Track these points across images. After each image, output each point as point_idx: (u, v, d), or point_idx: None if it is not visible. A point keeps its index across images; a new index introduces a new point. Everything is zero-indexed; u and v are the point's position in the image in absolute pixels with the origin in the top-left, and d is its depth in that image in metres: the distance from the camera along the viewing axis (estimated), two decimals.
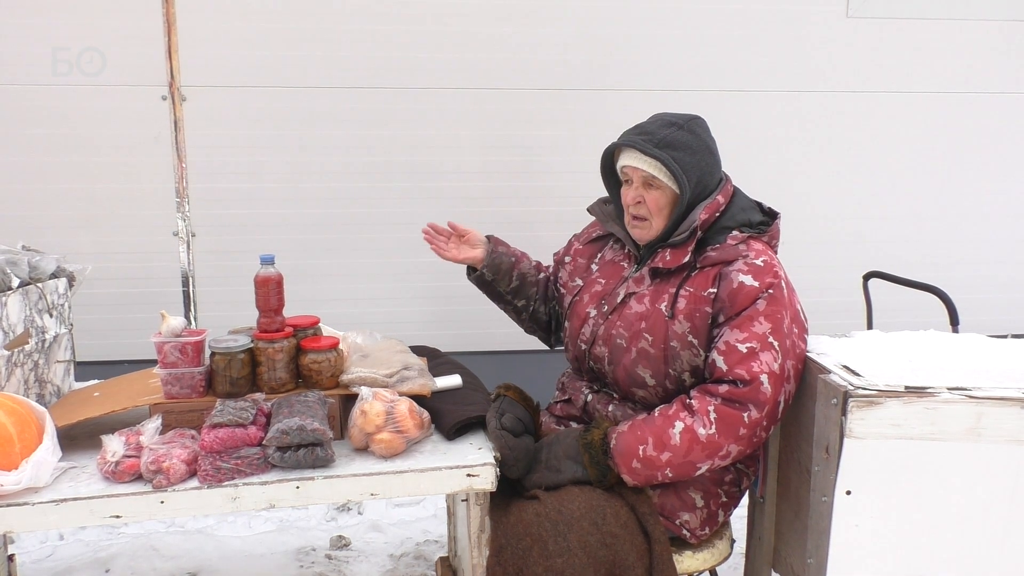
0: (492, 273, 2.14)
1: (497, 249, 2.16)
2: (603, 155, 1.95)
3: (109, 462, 1.60)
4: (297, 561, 2.74)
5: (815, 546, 1.69)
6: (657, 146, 1.80)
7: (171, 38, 3.00)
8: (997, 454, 1.57)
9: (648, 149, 1.80)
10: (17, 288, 1.91)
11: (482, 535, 1.72)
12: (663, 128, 1.83)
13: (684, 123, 1.85)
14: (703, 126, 1.88)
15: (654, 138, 1.82)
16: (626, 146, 1.86)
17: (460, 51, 3.53)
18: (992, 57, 3.81)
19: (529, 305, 2.20)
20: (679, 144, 1.81)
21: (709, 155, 1.86)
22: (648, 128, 1.85)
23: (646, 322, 1.83)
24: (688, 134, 1.83)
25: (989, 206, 3.96)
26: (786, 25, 3.67)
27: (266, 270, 1.84)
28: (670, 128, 1.83)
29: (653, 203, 1.85)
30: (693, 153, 1.82)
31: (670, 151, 1.80)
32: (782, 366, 1.72)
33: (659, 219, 1.86)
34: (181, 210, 3.11)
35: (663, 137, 1.81)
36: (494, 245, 2.17)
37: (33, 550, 2.77)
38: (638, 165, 1.83)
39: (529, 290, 2.19)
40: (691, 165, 1.82)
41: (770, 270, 1.77)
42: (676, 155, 1.80)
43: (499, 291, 2.18)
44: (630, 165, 1.85)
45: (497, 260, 2.14)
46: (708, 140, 1.88)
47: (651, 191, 1.84)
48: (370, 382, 1.83)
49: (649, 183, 1.84)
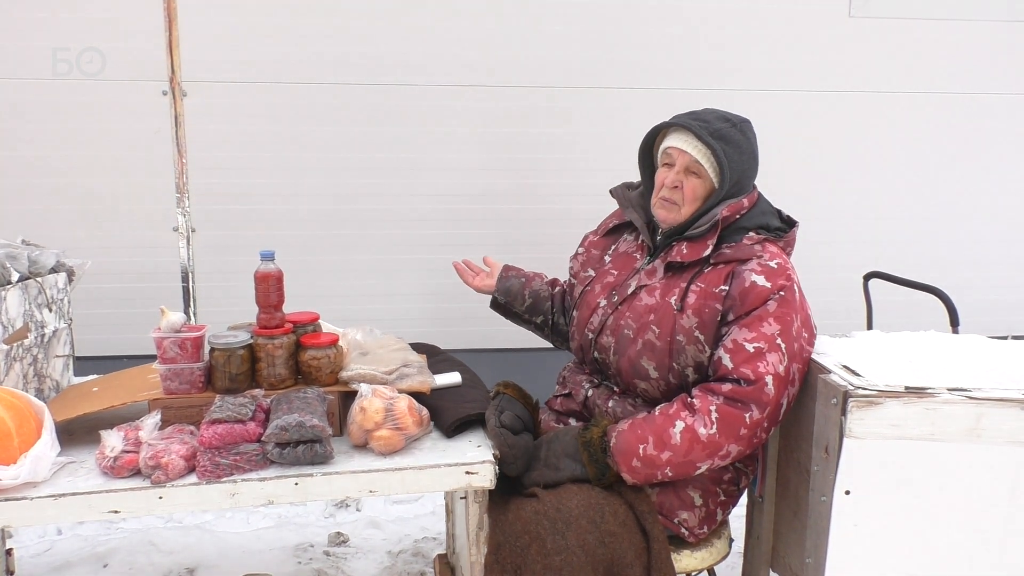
0: (504, 296, 2.26)
1: (507, 274, 2.29)
2: (648, 133, 1.96)
3: (108, 457, 1.60)
4: (295, 557, 2.74)
5: (814, 546, 1.69)
6: (711, 135, 1.82)
7: (172, 33, 2.99)
8: (996, 455, 1.57)
9: (703, 135, 1.82)
10: (17, 282, 1.91)
11: (480, 533, 1.72)
12: (718, 121, 1.86)
13: (738, 122, 1.88)
14: (752, 131, 1.91)
15: (710, 127, 1.84)
16: (679, 127, 1.87)
17: (461, 48, 3.52)
18: (994, 57, 3.81)
19: (548, 320, 2.26)
20: (731, 140, 1.84)
21: (753, 160, 1.89)
22: (704, 116, 1.88)
23: (655, 314, 1.84)
24: (740, 133, 1.86)
25: (990, 206, 3.96)
26: (788, 25, 3.67)
27: (266, 266, 1.84)
28: (725, 123, 1.86)
29: (690, 191, 1.86)
30: (741, 153, 1.85)
31: (722, 143, 1.83)
32: (787, 368, 1.72)
33: (689, 207, 1.88)
34: (181, 205, 3.10)
35: (718, 129, 1.84)
36: (504, 271, 2.30)
37: (31, 544, 2.77)
38: (687, 149, 1.85)
39: (543, 305, 2.25)
40: (737, 164, 1.84)
41: (783, 273, 1.77)
42: (726, 149, 1.83)
43: (516, 312, 2.27)
44: (678, 147, 1.86)
45: (507, 284, 2.26)
46: (755, 145, 1.90)
47: (691, 178, 1.86)
48: (369, 379, 1.82)
49: (692, 170, 1.86)
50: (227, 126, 3.45)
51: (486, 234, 3.64)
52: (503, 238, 3.65)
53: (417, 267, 3.64)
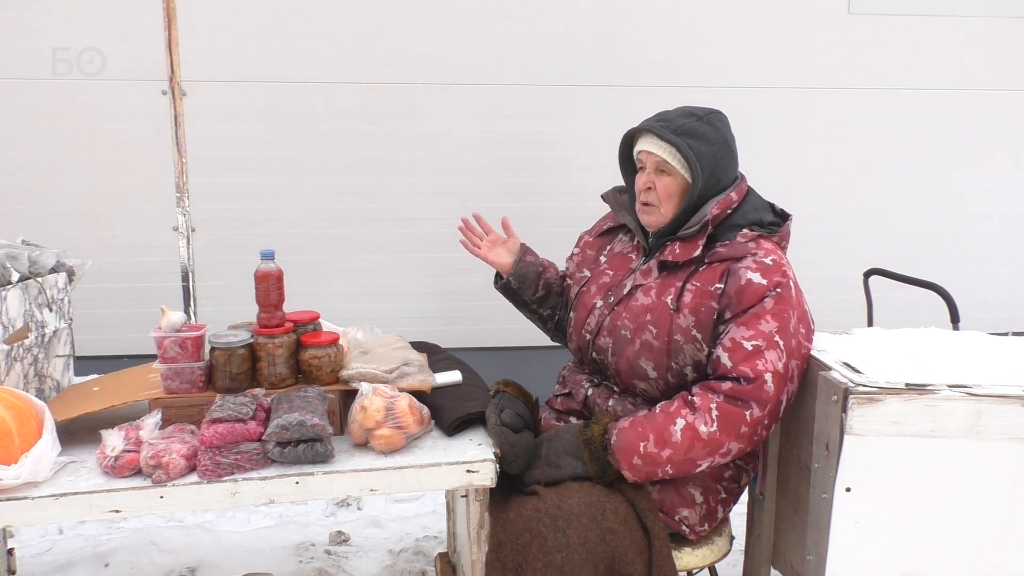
0: (518, 282, 2.16)
1: (525, 258, 2.16)
2: (621, 141, 1.97)
3: (108, 457, 1.60)
4: (296, 556, 2.74)
5: (814, 543, 1.69)
6: (674, 132, 1.83)
7: (171, 33, 3.00)
8: (997, 452, 1.57)
9: (664, 134, 1.82)
10: (17, 282, 1.91)
11: (481, 531, 1.72)
12: (682, 117, 1.86)
13: (704, 115, 1.87)
14: (723, 120, 1.90)
15: (672, 125, 1.84)
16: (644, 131, 1.89)
17: (462, 46, 3.52)
18: (994, 54, 3.81)
19: (555, 315, 2.22)
20: (696, 133, 1.84)
21: (726, 149, 1.88)
22: (667, 116, 1.88)
23: (651, 314, 1.83)
24: (706, 125, 1.86)
25: (990, 203, 3.96)
26: (787, 22, 3.66)
27: (266, 265, 1.84)
28: (689, 118, 1.86)
29: (663, 190, 1.86)
30: (709, 144, 1.84)
31: (686, 139, 1.82)
32: (786, 365, 1.72)
33: (668, 206, 1.88)
34: (181, 205, 3.11)
35: (681, 125, 1.84)
36: (523, 254, 2.17)
37: (33, 544, 2.77)
38: (652, 150, 1.85)
39: (554, 299, 2.20)
40: (706, 155, 1.83)
41: (779, 269, 1.77)
42: (691, 143, 1.82)
43: (524, 299, 2.19)
44: (645, 150, 1.88)
45: (524, 269, 2.15)
46: (727, 134, 1.89)
47: (662, 177, 1.86)
48: (370, 378, 1.82)
49: (662, 169, 1.86)
50: (226, 125, 3.45)
51: None
52: None
53: (417, 266, 3.64)
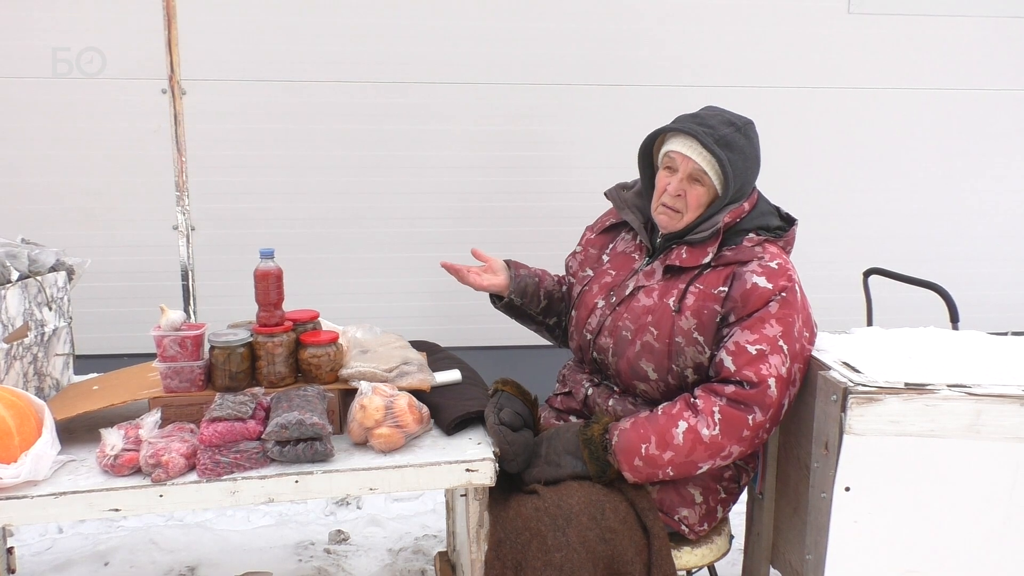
0: (520, 297, 2.08)
1: (519, 272, 2.09)
2: (648, 135, 1.90)
3: (108, 455, 1.60)
4: (296, 555, 2.74)
5: (814, 542, 1.69)
6: (717, 143, 1.77)
7: (171, 31, 2.99)
8: (996, 451, 1.57)
9: (708, 143, 1.76)
10: (16, 281, 1.91)
11: (481, 530, 1.72)
12: (723, 126, 1.80)
13: (742, 126, 1.82)
14: (756, 132, 1.86)
15: (715, 133, 1.78)
16: (682, 133, 1.81)
17: (462, 45, 3.52)
18: (993, 53, 3.81)
19: (561, 321, 2.16)
20: (735, 146, 1.79)
21: (756, 164, 1.85)
22: (708, 121, 1.81)
23: (653, 316, 1.82)
24: (744, 138, 1.81)
25: (990, 203, 3.96)
26: (787, 21, 3.66)
27: (266, 264, 1.84)
28: (729, 128, 1.80)
29: (694, 199, 1.82)
30: (745, 159, 1.81)
31: (727, 151, 1.78)
32: (789, 370, 1.72)
33: (692, 215, 1.84)
34: (181, 204, 3.10)
35: (723, 135, 1.79)
36: (515, 269, 2.09)
37: (32, 543, 2.77)
38: (692, 156, 1.79)
39: (558, 306, 2.15)
40: (740, 170, 1.80)
41: (784, 273, 1.76)
42: (731, 157, 1.78)
43: (530, 314, 2.12)
44: (682, 153, 1.81)
45: (522, 284, 2.07)
46: (758, 148, 1.86)
47: (695, 187, 1.82)
48: (369, 377, 1.82)
49: (696, 178, 1.81)
50: (226, 124, 3.44)
51: (485, 231, 3.64)
52: (502, 235, 3.65)
53: (417, 265, 3.64)
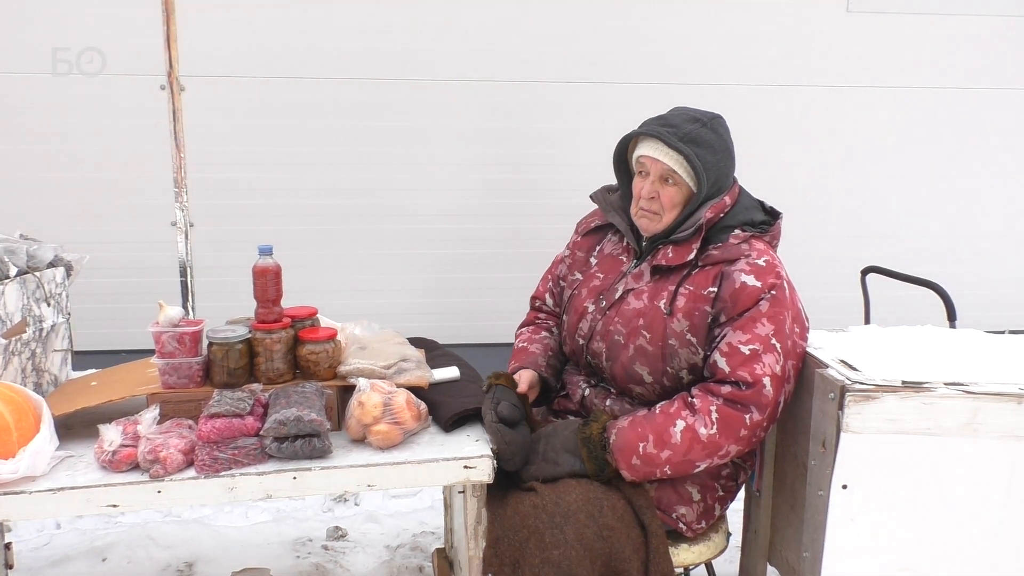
0: (557, 380, 2.06)
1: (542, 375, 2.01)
2: (619, 143, 1.90)
3: (106, 451, 1.60)
4: (294, 551, 2.74)
5: (811, 540, 1.70)
6: (681, 140, 1.77)
7: (170, 27, 2.98)
8: (993, 449, 1.58)
9: (672, 142, 1.76)
10: (15, 277, 1.91)
11: (479, 527, 1.72)
12: (687, 123, 1.80)
13: (708, 120, 1.82)
14: (725, 126, 1.86)
15: (679, 132, 1.78)
16: (648, 136, 1.82)
17: (459, 43, 3.52)
18: (992, 52, 3.81)
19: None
20: (702, 141, 1.79)
21: (728, 157, 1.84)
22: (672, 121, 1.81)
23: (644, 319, 1.82)
24: (711, 132, 1.80)
25: (988, 202, 3.97)
26: (786, 20, 3.67)
27: (264, 260, 1.84)
28: (694, 124, 1.80)
29: (668, 199, 1.82)
30: (715, 152, 1.80)
31: (693, 147, 1.77)
32: (783, 367, 1.72)
33: (670, 215, 1.84)
34: (179, 200, 3.10)
35: (687, 132, 1.78)
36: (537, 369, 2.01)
37: (30, 538, 2.77)
38: (659, 157, 1.79)
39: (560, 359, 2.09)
40: (711, 164, 1.79)
41: (772, 270, 1.76)
42: (699, 152, 1.77)
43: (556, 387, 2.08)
44: (650, 156, 1.81)
45: (551, 373, 2.03)
46: (729, 141, 1.85)
47: (667, 187, 1.81)
48: (368, 373, 1.82)
49: (667, 178, 1.81)
50: (225, 120, 3.44)
51: (484, 228, 3.65)
52: (501, 232, 3.65)
53: (415, 262, 3.64)
